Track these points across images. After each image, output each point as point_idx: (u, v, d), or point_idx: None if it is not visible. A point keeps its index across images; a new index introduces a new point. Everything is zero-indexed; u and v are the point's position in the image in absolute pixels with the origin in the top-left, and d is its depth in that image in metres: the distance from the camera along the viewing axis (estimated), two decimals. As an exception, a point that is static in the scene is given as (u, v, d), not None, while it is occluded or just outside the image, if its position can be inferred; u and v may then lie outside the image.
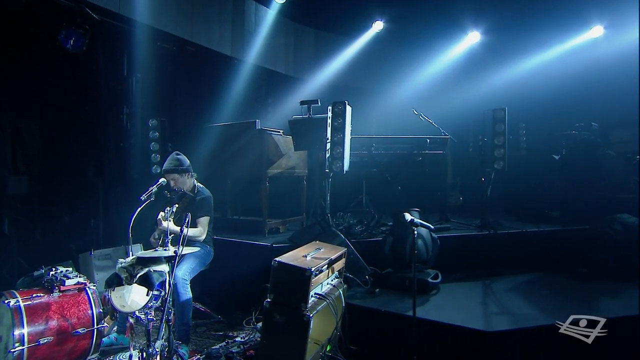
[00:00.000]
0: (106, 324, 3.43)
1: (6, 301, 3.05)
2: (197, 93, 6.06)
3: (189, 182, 3.97)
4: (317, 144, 4.76)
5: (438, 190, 6.26)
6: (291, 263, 3.00)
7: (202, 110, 5.95)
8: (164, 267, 3.19)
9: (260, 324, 4.05)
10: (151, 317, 2.96)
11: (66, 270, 3.55)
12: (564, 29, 6.74)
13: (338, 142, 4.30)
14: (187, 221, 3.07)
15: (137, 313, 2.98)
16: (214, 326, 4.28)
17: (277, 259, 3.04)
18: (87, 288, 3.44)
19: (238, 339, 3.78)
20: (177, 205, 3.40)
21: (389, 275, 4.26)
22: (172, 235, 3.87)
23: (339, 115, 4.29)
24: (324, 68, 7.20)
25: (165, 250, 3.13)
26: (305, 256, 3.22)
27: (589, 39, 6.70)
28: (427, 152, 5.00)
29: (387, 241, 4.19)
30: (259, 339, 3.73)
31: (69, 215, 5.74)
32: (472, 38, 7.40)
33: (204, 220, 3.87)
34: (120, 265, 3.12)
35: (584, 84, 6.34)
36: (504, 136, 4.68)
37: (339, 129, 4.30)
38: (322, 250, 3.44)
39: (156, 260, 3.18)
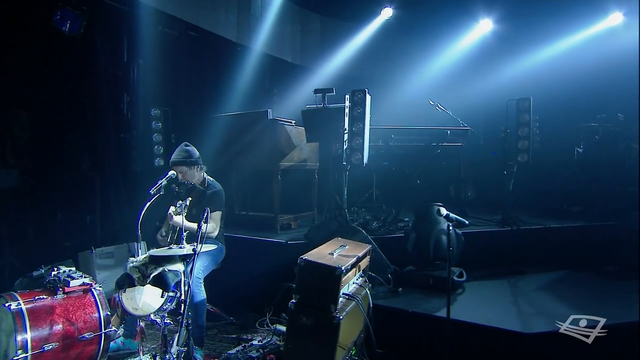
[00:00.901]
0: (114, 327, 3.24)
1: (7, 304, 2.85)
2: (201, 81, 5.84)
3: (199, 175, 3.79)
4: (332, 135, 4.59)
5: (451, 184, 6.13)
6: (319, 261, 2.84)
7: (207, 100, 5.74)
8: (179, 266, 3.02)
9: (276, 326, 3.95)
10: (168, 322, 2.78)
11: (69, 270, 3.36)
12: (581, 17, 6.61)
13: (357, 133, 4.13)
14: (205, 216, 2.89)
15: (152, 316, 2.79)
16: (225, 328, 4.12)
17: (303, 257, 2.88)
18: (92, 289, 3.26)
19: (255, 342, 3.61)
20: (190, 199, 3.21)
21: (410, 274, 4.13)
22: (185, 231, 3.73)
23: (359, 104, 4.13)
24: (331, 57, 7.01)
25: (180, 247, 2.95)
26: (332, 254, 3.06)
27: (607, 27, 6.58)
28: (446, 144, 4.84)
29: (410, 237, 4.05)
30: (277, 342, 3.59)
31: (63, 212, 5.53)
32: (483, 26, 7.25)
33: (216, 216, 3.70)
34: (131, 265, 2.93)
35: (602, 75, 6.24)
36: (528, 127, 4.56)
37: (358, 119, 4.14)
38: (347, 247, 3.29)
39: (170, 259, 3.01)
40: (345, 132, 4.34)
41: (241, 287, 4.37)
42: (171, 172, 3.62)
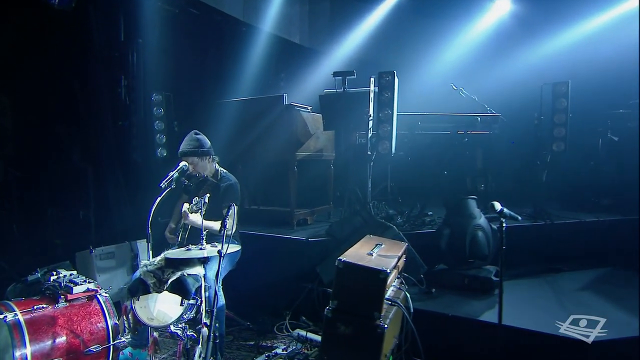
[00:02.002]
0: (123, 338, 2.95)
1: (1, 315, 2.54)
2: (204, 64, 5.49)
3: (210, 166, 3.50)
4: (354, 122, 4.33)
5: (467, 175, 5.88)
6: (361, 263, 2.58)
7: (210, 84, 5.41)
8: (199, 270, 2.74)
9: (299, 332, 3.70)
10: (190, 333, 2.49)
11: (70, 274, 3.05)
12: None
13: (385, 119, 3.87)
14: (230, 212, 2.60)
15: (172, 328, 2.50)
16: (241, 334, 3.86)
17: (342, 258, 2.62)
18: (98, 296, 2.96)
19: (278, 350, 3.35)
20: (208, 195, 2.91)
21: (443, 273, 3.91)
22: (191, 228, 3.44)
23: (387, 88, 3.86)
24: (342, 39, 6.67)
25: (201, 248, 2.66)
26: (370, 254, 2.81)
27: (635, 7, 6.32)
28: (475, 132, 4.60)
29: (444, 234, 3.81)
30: (305, 351, 3.33)
31: (53, 207, 5.19)
32: (501, 6, 6.92)
33: (232, 212, 3.40)
34: (145, 269, 2.64)
35: (631, 59, 6.00)
36: (565, 114, 4.32)
37: (386, 104, 3.88)
38: (383, 246, 3.04)
39: (189, 262, 2.71)
40: (370, 118, 4.07)
41: (256, 289, 4.10)
42: (182, 163, 3.32)
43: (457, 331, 3.16)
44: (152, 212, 3.05)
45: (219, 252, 2.52)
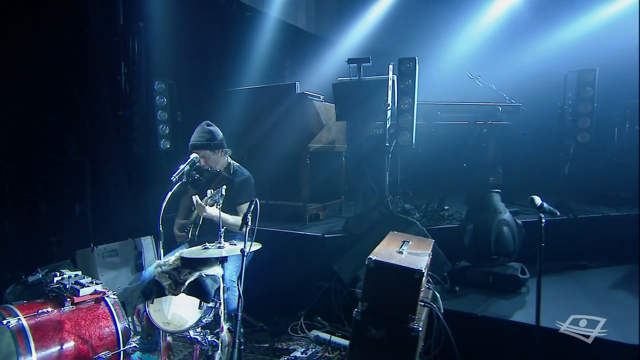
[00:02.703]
0: (134, 343, 2.81)
1: (4, 320, 2.39)
2: (207, 50, 5.30)
3: (223, 160, 3.36)
4: (370, 111, 4.17)
5: (479, 168, 5.75)
6: (393, 262, 2.45)
7: (214, 72, 5.22)
8: (217, 270, 2.59)
9: (317, 334, 3.57)
10: (212, 339, 2.35)
11: (75, 275, 2.89)
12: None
13: (406, 109, 3.72)
14: (252, 208, 2.46)
15: (191, 333, 2.36)
16: (254, 336, 3.73)
17: (372, 257, 2.48)
18: (106, 298, 2.81)
19: (297, 354, 3.22)
20: (225, 187, 2.76)
21: (466, 271, 3.79)
22: (202, 224, 3.29)
23: (408, 75, 3.71)
24: (349, 26, 6.47)
25: (219, 247, 2.51)
26: (400, 251, 2.68)
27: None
28: (495, 122, 4.47)
29: (467, 230, 3.69)
30: (327, 355, 3.21)
31: (46, 202, 5.01)
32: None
33: (246, 208, 3.25)
34: (160, 270, 2.49)
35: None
36: (591, 103, 4.20)
37: (407, 93, 3.73)
38: (411, 243, 2.91)
39: (206, 262, 2.56)
40: (389, 107, 3.92)
41: (268, 288, 3.96)
42: (193, 156, 3.16)
43: (489, 333, 3.05)
44: (163, 208, 2.90)
45: (242, 250, 2.38)
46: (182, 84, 4.84)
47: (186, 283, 2.44)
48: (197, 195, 3.00)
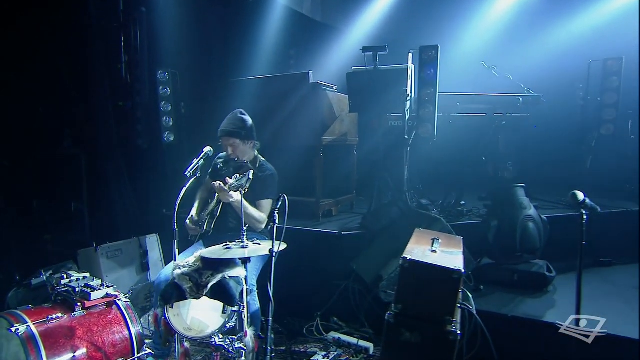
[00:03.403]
0: (148, 349, 2.69)
1: (12, 327, 2.25)
2: (210, 38, 5.11)
3: (251, 152, 3.23)
4: (386, 102, 4.06)
5: (492, 161, 5.68)
6: (431, 262, 2.36)
7: (216, 60, 5.05)
8: (240, 272, 2.47)
9: (338, 336, 3.49)
10: (240, 346, 2.24)
11: (84, 278, 2.77)
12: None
13: (428, 100, 3.62)
14: (280, 204, 2.36)
15: (217, 340, 2.25)
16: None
17: (406, 256, 2.39)
18: (117, 301, 2.69)
19: (318, 357, 3.13)
20: (252, 172, 2.62)
21: (489, 268, 3.72)
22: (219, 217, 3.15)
23: (430, 64, 3.61)
24: (356, 13, 6.31)
25: (243, 246, 2.40)
26: (434, 250, 2.59)
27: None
28: (514, 114, 4.40)
29: (491, 226, 3.61)
30: (350, 359, 3.12)
31: (40, 198, 4.86)
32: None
33: (268, 205, 3.15)
34: (180, 272, 2.36)
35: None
36: (617, 93, 4.13)
37: (429, 83, 3.62)
38: (440, 241, 2.82)
39: (229, 263, 2.45)
40: (408, 98, 3.82)
41: (280, 287, 3.84)
42: (207, 149, 3.01)
43: (521, 334, 2.97)
44: (177, 204, 2.77)
45: (271, 251, 2.27)
46: (185, 74, 4.67)
47: (209, 286, 2.32)
48: (219, 181, 2.85)
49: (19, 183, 4.58)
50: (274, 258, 2.27)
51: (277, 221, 2.35)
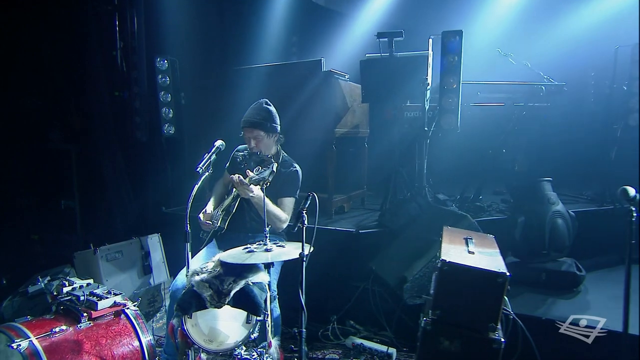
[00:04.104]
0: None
1: (13, 343, 2.08)
2: (210, 24, 4.89)
3: (274, 147, 3.05)
4: (403, 92, 3.92)
5: (511, 154, 5.53)
6: (472, 265, 2.23)
7: (216, 47, 4.85)
8: (263, 277, 2.33)
9: (352, 339, 3.37)
10: (265, 358, 2.10)
11: (87, 284, 2.60)
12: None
13: (451, 89, 3.47)
14: (309, 203, 2.22)
15: (243, 353, 2.10)
16: (284, 344, 3.46)
17: (445, 258, 2.26)
18: (126, 310, 2.53)
19: (339, 366, 3.00)
20: (275, 164, 2.47)
21: (515, 267, 3.59)
22: (223, 213, 2.98)
23: (454, 51, 3.46)
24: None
25: (267, 249, 2.26)
26: (471, 251, 2.47)
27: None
28: (535, 104, 4.29)
29: (518, 222, 3.50)
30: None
31: (25, 196, 4.66)
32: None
33: (290, 203, 2.99)
34: (198, 278, 2.20)
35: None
36: (646, 82, 4.02)
37: (452, 70, 3.48)
38: (473, 240, 2.69)
39: (251, 267, 2.30)
40: (428, 87, 3.68)
41: (292, 288, 3.70)
42: (219, 143, 2.82)
43: (557, 338, 2.87)
44: (190, 202, 2.59)
45: (301, 254, 2.13)
46: (185, 61, 4.47)
47: (231, 293, 2.16)
48: (238, 175, 2.68)
49: (2, 179, 4.38)
50: (304, 262, 2.12)
51: (306, 221, 2.19)
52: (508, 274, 2.18)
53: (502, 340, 2.20)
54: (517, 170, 5.64)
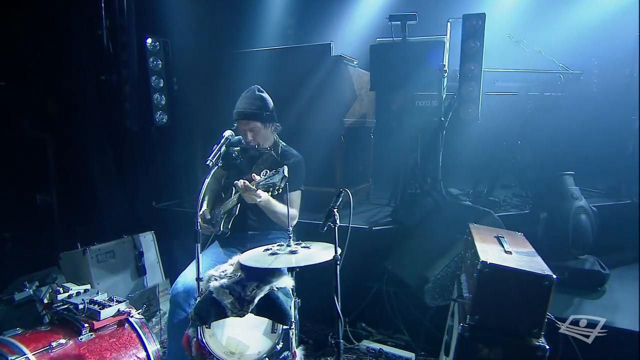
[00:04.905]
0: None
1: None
2: (205, 4, 4.64)
3: (272, 137, 2.89)
4: (416, 80, 3.81)
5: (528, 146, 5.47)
6: (517, 267, 2.14)
7: (206, 28, 4.60)
8: (288, 282, 2.20)
9: (366, 343, 3.28)
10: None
11: (85, 291, 2.42)
12: None
13: (472, 77, 3.37)
14: (340, 200, 2.09)
15: (269, 367, 1.97)
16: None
17: (485, 260, 2.16)
18: (130, 319, 2.36)
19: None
20: (286, 167, 2.34)
21: (535, 265, 3.57)
22: (225, 216, 2.85)
23: (475, 36, 3.36)
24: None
25: (292, 251, 2.13)
26: (508, 251, 2.38)
27: None
28: (551, 93, 4.24)
29: (541, 218, 3.45)
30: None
31: None
32: None
33: (297, 197, 2.87)
34: (217, 284, 2.06)
35: None
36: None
37: (473, 56, 3.38)
38: (505, 238, 2.61)
39: (274, 271, 2.16)
40: (446, 74, 3.58)
41: (298, 290, 3.58)
42: (227, 133, 2.66)
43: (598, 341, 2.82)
44: (200, 197, 2.43)
45: (335, 258, 2.00)
46: (179, 43, 4.23)
47: (255, 300, 2.02)
48: (241, 180, 2.52)
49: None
50: (338, 266, 1.99)
51: (337, 220, 2.06)
52: (555, 276, 2.11)
53: (548, 348, 2.12)
54: (520, 160, 5.60)
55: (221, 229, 2.86)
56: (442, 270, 3.07)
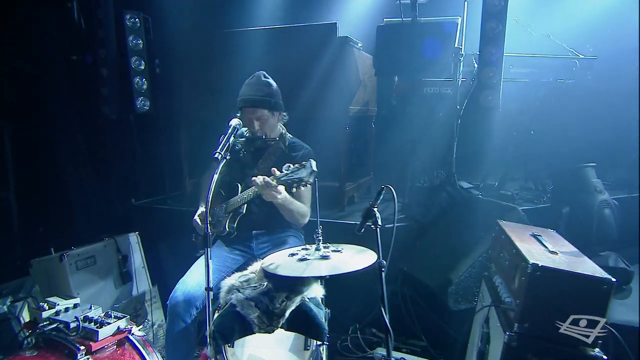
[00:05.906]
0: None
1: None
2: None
3: (279, 127, 2.73)
4: (427, 64, 3.67)
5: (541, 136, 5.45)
6: (573, 270, 2.05)
7: (200, 5, 4.34)
8: (318, 291, 2.04)
9: (380, 351, 3.16)
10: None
11: (75, 306, 2.18)
12: None
13: (492, 61, 3.27)
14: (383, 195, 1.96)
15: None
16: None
17: (536, 262, 2.05)
18: (130, 337, 2.14)
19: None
20: (313, 162, 2.18)
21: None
22: (230, 215, 2.68)
23: (496, 17, 3.25)
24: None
25: (323, 256, 1.96)
26: (553, 251, 2.29)
27: None
28: (566, 80, 4.22)
29: (563, 213, 3.41)
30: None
31: None
32: None
33: (307, 192, 2.74)
34: (242, 296, 1.86)
35: None
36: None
37: (494, 40, 3.27)
38: (543, 237, 2.52)
39: (304, 279, 1.99)
40: (461, 58, 3.47)
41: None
42: (235, 122, 2.44)
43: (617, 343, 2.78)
44: (210, 194, 2.21)
45: (380, 263, 1.85)
46: (161, 19, 3.94)
47: (286, 314, 1.84)
48: (260, 177, 2.32)
49: None
50: (383, 273, 1.83)
51: (379, 221, 1.91)
52: (614, 279, 2.02)
53: (605, 357, 2.04)
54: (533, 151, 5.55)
55: (226, 229, 2.69)
56: (465, 271, 2.96)
